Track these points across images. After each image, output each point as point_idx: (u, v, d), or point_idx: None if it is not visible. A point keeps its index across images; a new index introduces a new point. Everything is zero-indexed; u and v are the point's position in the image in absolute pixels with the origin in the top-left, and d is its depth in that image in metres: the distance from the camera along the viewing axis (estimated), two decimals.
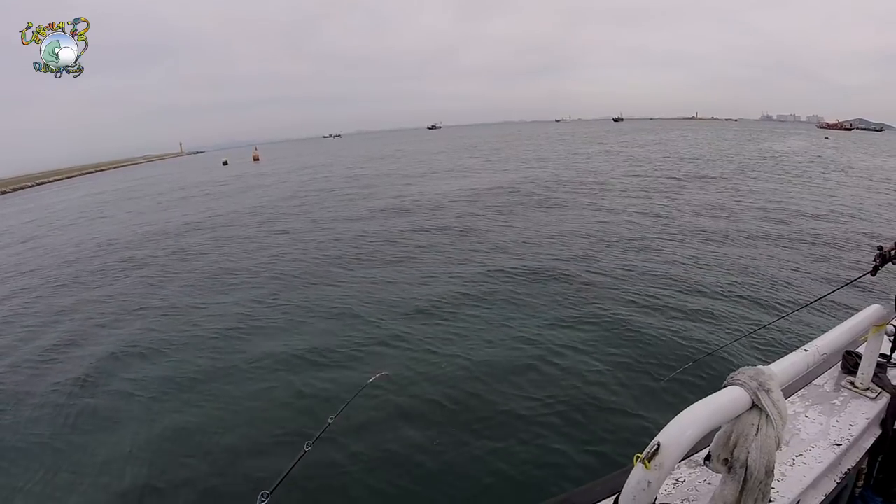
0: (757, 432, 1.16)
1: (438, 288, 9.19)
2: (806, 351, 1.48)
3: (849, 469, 1.78)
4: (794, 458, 1.71)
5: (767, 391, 1.15)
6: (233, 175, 45.55)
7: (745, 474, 1.18)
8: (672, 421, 1.04)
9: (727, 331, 7.11)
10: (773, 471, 1.20)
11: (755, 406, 1.15)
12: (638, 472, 1.00)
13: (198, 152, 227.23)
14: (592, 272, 9.76)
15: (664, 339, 6.93)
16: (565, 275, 9.59)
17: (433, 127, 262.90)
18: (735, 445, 1.18)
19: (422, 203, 18.60)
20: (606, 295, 8.46)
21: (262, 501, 1.87)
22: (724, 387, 1.18)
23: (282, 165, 54.27)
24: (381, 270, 10.55)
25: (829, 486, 1.68)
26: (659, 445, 0.99)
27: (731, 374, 1.20)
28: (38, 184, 75.21)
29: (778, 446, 1.19)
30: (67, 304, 10.60)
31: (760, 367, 1.22)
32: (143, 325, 8.68)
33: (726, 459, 1.23)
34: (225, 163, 67.67)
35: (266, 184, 33.80)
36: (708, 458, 1.26)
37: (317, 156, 70.58)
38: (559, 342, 6.76)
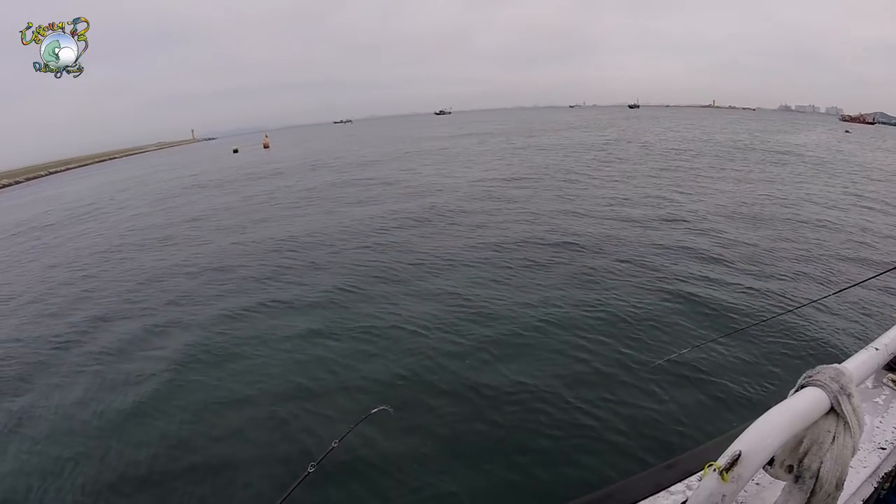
0: (833, 440, 1.02)
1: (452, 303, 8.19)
2: (877, 349, 1.35)
3: (887, 473, 1.66)
4: None
5: (848, 396, 1.02)
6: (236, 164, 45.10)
7: (815, 486, 1.05)
8: (750, 427, 0.91)
9: (757, 313, 7.05)
10: (843, 483, 1.08)
11: (833, 411, 1.02)
12: (711, 482, 0.87)
13: (210, 139, 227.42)
14: (613, 264, 9.56)
15: (682, 324, 6.87)
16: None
17: (441, 112, 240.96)
18: (806, 453, 1.05)
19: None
20: (622, 293, 8.16)
21: None
22: (801, 387, 1.05)
23: (292, 153, 53.94)
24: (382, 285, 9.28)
25: (868, 490, 1.57)
26: (740, 454, 0.86)
27: (808, 374, 1.06)
28: (50, 173, 75.73)
29: (852, 456, 1.06)
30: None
31: (838, 366, 1.09)
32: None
33: (791, 466, 1.10)
34: (235, 150, 67.06)
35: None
36: (770, 462, 1.13)
37: (323, 142, 69.76)
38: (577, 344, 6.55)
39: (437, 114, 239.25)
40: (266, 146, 67.68)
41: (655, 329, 6.77)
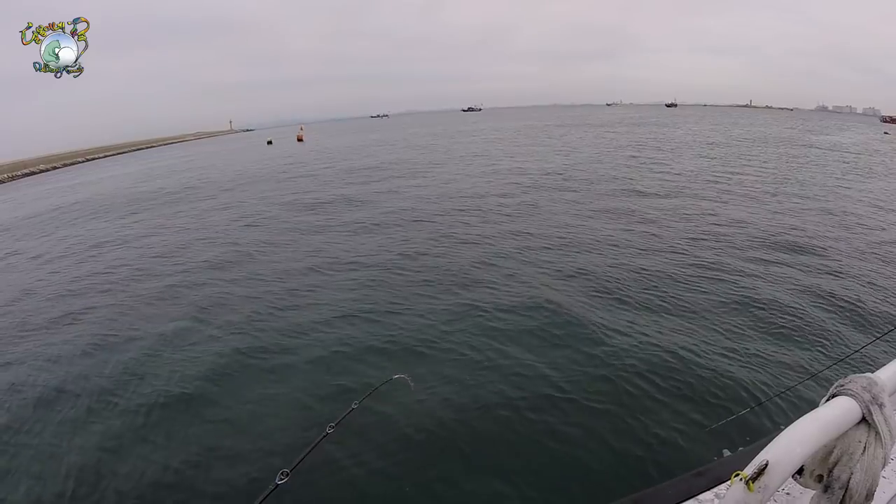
0: (864, 451, 1.01)
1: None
2: None
3: None
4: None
5: (881, 406, 1.01)
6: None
7: (844, 496, 1.05)
8: (779, 436, 0.90)
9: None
10: (873, 494, 1.06)
11: (864, 420, 1.01)
12: (738, 492, 0.87)
13: (247, 130, 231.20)
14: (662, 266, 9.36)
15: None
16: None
17: (469, 109, 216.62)
18: (836, 463, 1.05)
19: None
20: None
21: (282, 480, 1.89)
22: (832, 396, 1.04)
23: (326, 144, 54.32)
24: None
25: None
26: (767, 464, 0.86)
27: (840, 382, 1.05)
28: (88, 160, 75.71)
29: (883, 467, 1.05)
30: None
31: (870, 375, 1.07)
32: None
33: (821, 476, 1.09)
34: (269, 142, 67.59)
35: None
36: (799, 471, 1.13)
37: (358, 136, 69.96)
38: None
39: (464, 110, 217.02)
40: (300, 139, 67.63)
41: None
